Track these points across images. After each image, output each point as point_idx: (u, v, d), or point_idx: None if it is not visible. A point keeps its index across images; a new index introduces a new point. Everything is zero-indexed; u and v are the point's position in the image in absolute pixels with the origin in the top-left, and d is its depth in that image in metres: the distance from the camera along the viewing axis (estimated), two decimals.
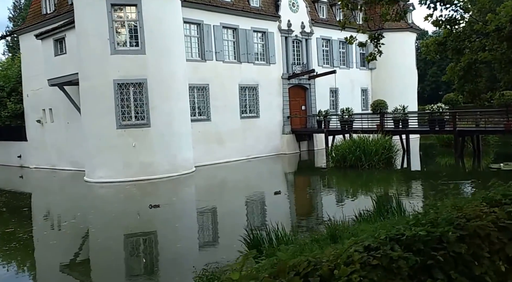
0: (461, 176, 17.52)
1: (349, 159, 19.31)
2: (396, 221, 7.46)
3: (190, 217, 13.31)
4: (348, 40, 8.97)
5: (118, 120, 18.67)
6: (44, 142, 25.63)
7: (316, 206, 13.84)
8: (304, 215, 12.24)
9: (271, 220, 8.26)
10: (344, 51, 32.28)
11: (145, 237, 11.01)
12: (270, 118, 26.94)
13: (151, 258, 9.45)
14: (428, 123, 21.71)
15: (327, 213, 9.47)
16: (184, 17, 22.12)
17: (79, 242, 10.85)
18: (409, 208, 10.88)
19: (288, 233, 7.56)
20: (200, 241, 10.56)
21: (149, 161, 18.92)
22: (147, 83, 18.88)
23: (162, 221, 12.12)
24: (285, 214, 12.32)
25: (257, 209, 13.95)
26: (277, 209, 12.92)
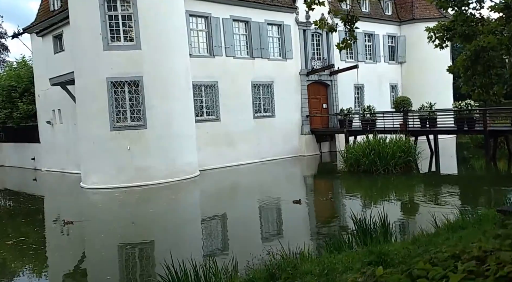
0: (484, 182, 15.62)
1: (363, 163, 17.32)
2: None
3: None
4: (318, 24, 7.19)
5: (112, 121, 17.50)
6: (55, 144, 24.96)
7: (296, 225, 11.83)
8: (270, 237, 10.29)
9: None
10: (371, 44, 29.95)
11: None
12: (287, 118, 25.14)
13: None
14: (456, 122, 19.30)
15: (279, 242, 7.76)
16: (190, 10, 20.81)
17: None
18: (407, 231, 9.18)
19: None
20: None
21: (145, 166, 17.65)
22: (143, 81, 17.61)
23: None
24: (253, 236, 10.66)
25: (250, 225, 12.29)
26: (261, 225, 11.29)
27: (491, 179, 16.23)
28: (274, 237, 9.74)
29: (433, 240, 6.63)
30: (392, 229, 8.22)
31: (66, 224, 11.79)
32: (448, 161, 20.57)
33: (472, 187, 15.05)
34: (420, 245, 6.40)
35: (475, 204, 11.79)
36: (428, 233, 7.40)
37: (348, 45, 7.57)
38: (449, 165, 19.96)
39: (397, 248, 6.33)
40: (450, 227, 7.58)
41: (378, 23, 29.95)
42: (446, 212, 9.42)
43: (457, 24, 9.47)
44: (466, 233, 6.69)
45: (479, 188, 14.77)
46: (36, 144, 26.97)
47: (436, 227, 8.02)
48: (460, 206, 10.05)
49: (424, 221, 10.35)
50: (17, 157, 29.43)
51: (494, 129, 18.41)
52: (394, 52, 31.38)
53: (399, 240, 7.63)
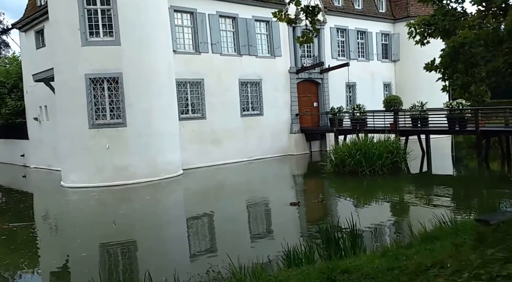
0: (471, 184, 15.19)
1: (348, 163, 16.80)
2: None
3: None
4: (276, 16, 6.64)
5: (90, 119, 16.99)
6: (42, 141, 24.47)
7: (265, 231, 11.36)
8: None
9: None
10: (363, 41, 29.37)
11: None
12: (276, 116, 24.61)
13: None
14: (448, 122, 18.76)
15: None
16: (174, 5, 20.31)
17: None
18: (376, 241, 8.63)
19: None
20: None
21: (125, 164, 17.16)
22: (123, 78, 17.08)
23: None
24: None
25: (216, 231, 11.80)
26: (232, 231, 10.76)
27: (479, 182, 15.71)
28: (257, 241, 9.28)
29: (404, 253, 6.13)
30: (363, 238, 7.72)
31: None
32: (440, 161, 20.05)
33: (459, 189, 14.54)
34: (389, 258, 5.91)
35: (459, 208, 11.30)
36: (401, 244, 6.91)
37: (309, 40, 7.00)
38: (440, 166, 19.42)
39: (362, 262, 5.83)
40: (425, 237, 7.09)
41: (371, 20, 29.36)
42: (426, 218, 8.94)
43: (438, 19, 8.93)
44: (439, 246, 6.21)
45: (466, 191, 14.29)
46: (25, 140, 26.66)
47: (411, 236, 7.53)
48: (443, 211, 9.52)
49: (401, 228, 9.92)
50: (7, 154, 29.10)
51: (486, 130, 17.88)
52: (387, 50, 30.80)
53: (370, 251, 7.10)
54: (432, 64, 8.93)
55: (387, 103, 21.54)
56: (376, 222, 10.46)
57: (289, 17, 7.12)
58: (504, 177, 15.66)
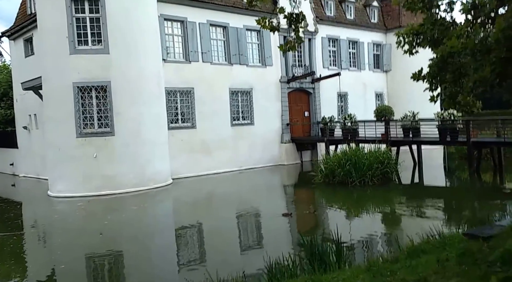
0: (461, 196, 15.08)
1: (338, 174, 16.65)
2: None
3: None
4: (260, 23, 6.50)
5: (78, 127, 16.76)
6: (31, 150, 24.18)
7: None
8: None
9: None
10: (355, 51, 29.40)
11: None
12: (266, 126, 24.48)
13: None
14: (439, 132, 18.68)
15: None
16: (164, 14, 20.21)
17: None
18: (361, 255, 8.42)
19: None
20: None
21: (113, 174, 16.91)
22: (111, 86, 16.89)
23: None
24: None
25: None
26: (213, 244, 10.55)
27: (470, 193, 15.58)
28: (247, 252, 9.07)
29: (389, 268, 5.97)
30: (351, 251, 7.55)
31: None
32: (431, 172, 19.92)
33: (449, 201, 14.37)
34: (373, 273, 5.74)
35: (449, 221, 11.15)
36: (386, 259, 6.74)
37: (292, 47, 6.87)
38: (431, 176, 19.29)
39: (346, 277, 5.66)
40: (412, 251, 6.93)
41: (363, 30, 29.45)
42: (415, 231, 8.80)
43: (427, 28, 8.85)
44: (424, 261, 6.05)
45: (456, 202, 14.17)
46: (14, 149, 26.40)
47: (398, 250, 7.37)
48: (433, 223, 9.39)
49: (389, 241, 9.76)
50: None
51: (477, 141, 17.80)
52: (379, 60, 30.86)
53: (354, 266, 6.91)
54: (419, 73, 8.85)
55: (378, 113, 21.49)
56: (364, 234, 10.29)
57: (272, 25, 7.00)
58: (495, 189, 15.53)
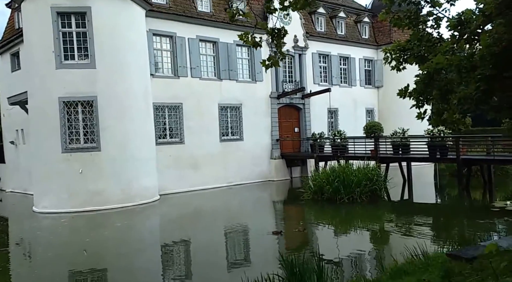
0: (445, 214, 14.99)
1: (327, 191, 16.47)
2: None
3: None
4: (243, 38, 6.37)
5: (63, 143, 16.49)
6: (18, 165, 23.84)
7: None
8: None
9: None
10: (346, 67, 29.47)
11: None
12: (256, 141, 24.32)
13: None
14: (429, 149, 18.58)
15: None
16: (153, 29, 20.15)
17: None
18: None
19: None
20: None
21: (98, 189, 16.61)
22: (98, 101, 16.69)
23: None
24: None
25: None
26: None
27: (458, 211, 15.45)
28: (233, 270, 8.81)
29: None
30: (335, 270, 7.32)
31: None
32: (420, 189, 19.79)
33: (436, 219, 14.21)
34: None
35: (435, 240, 10.97)
36: (368, 280, 6.54)
37: (275, 63, 6.74)
38: (420, 194, 19.14)
39: None
40: (395, 272, 6.74)
41: (354, 46, 29.54)
42: (399, 250, 8.61)
43: (413, 44, 8.78)
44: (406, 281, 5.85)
45: (443, 221, 14.00)
46: (1, 164, 26.19)
47: (381, 270, 7.18)
48: (418, 242, 9.22)
49: (373, 260, 9.58)
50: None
51: (467, 158, 17.72)
52: (371, 76, 30.94)
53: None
54: (405, 90, 8.75)
55: (367, 130, 21.41)
56: (349, 252, 10.15)
57: (254, 40, 6.88)
58: (484, 207, 15.39)
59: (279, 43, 6.51)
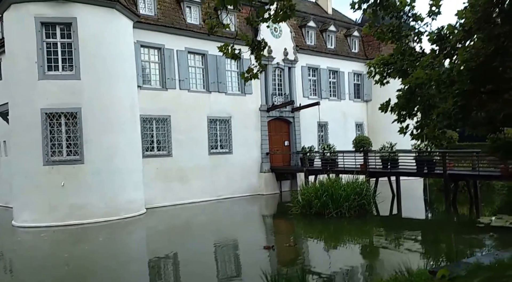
0: (431, 230, 14.94)
1: (315, 205, 16.24)
2: None
3: None
4: (222, 50, 6.17)
5: (45, 155, 16.15)
6: (0, 177, 23.33)
7: None
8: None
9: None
10: (335, 81, 29.41)
11: None
12: (245, 154, 24.08)
13: None
14: (416, 164, 18.46)
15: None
16: (141, 41, 20.00)
17: None
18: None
19: None
20: None
21: (81, 203, 16.24)
22: (82, 113, 16.41)
23: None
24: None
25: None
26: None
27: (444, 227, 15.33)
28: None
29: None
30: None
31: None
32: (408, 204, 19.54)
33: (423, 235, 14.05)
34: None
35: (421, 256, 10.74)
36: None
37: (254, 76, 6.55)
38: (408, 209, 18.89)
39: None
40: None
41: (343, 60, 29.50)
42: (384, 266, 8.41)
43: (397, 58, 8.66)
44: None
45: (429, 237, 13.85)
46: None
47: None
48: (404, 258, 9.06)
49: (357, 277, 9.35)
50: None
51: (454, 173, 17.60)
52: (360, 89, 30.90)
53: None
54: (387, 104, 8.60)
55: (356, 144, 21.27)
56: (334, 269, 9.96)
57: (234, 52, 6.70)
58: (469, 223, 15.27)
59: (258, 55, 6.34)
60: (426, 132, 6.91)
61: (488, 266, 6.40)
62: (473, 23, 5.88)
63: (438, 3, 7.54)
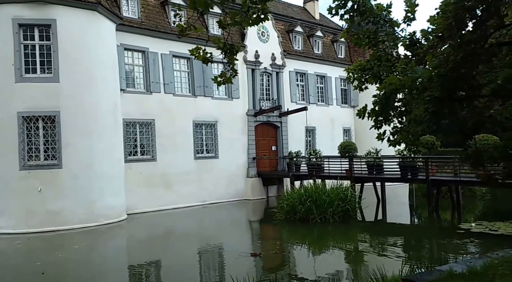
0: (411, 235, 14.92)
1: (299, 210, 16.01)
2: None
3: None
4: (194, 53, 5.92)
5: (21, 159, 15.77)
6: None
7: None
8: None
9: None
10: (323, 86, 29.24)
11: None
12: (232, 159, 23.79)
13: None
14: (400, 169, 18.33)
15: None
16: (125, 44, 19.73)
17: None
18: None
19: None
20: None
21: (58, 209, 15.86)
22: (60, 117, 16.07)
23: None
24: None
25: None
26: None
27: (424, 232, 15.28)
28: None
29: None
30: None
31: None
32: (393, 210, 19.39)
33: (401, 241, 13.90)
34: None
35: (394, 262, 10.50)
36: None
37: (228, 80, 6.30)
38: (392, 214, 18.74)
39: None
40: None
41: (330, 65, 29.35)
42: (360, 273, 8.21)
43: (374, 64, 8.49)
44: None
45: (407, 243, 13.78)
46: None
47: None
48: (376, 265, 8.89)
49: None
50: None
51: (436, 179, 17.51)
52: (347, 95, 30.74)
53: None
54: (364, 110, 8.38)
55: (342, 149, 21.08)
56: (320, 275, 9.83)
57: (205, 56, 6.46)
58: (450, 229, 15.22)
59: (231, 59, 6.12)
60: (399, 138, 6.67)
61: (460, 274, 6.27)
62: (443, 29, 5.69)
63: (413, 9, 7.42)
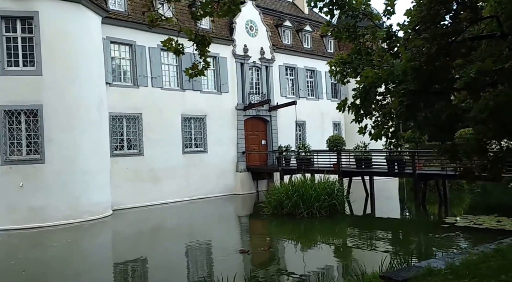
0: (397, 229, 14.86)
1: (286, 205, 15.90)
2: None
3: None
4: (166, 45, 5.73)
5: (3, 154, 15.53)
6: None
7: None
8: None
9: None
10: (312, 80, 29.09)
11: None
12: (221, 154, 23.62)
13: None
14: (387, 163, 18.26)
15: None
16: (111, 37, 19.48)
17: None
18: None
19: None
20: None
21: (41, 205, 15.62)
22: (43, 111, 15.82)
23: None
24: None
25: None
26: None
27: (408, 227, 15.29)
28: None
29: None
30: None
31: None
32: (380, 204, 19.29)
33: (384, 236, 13.75)
34: None
35: (374, 258, 10.42)
36: None
37: (200, 72, 6.11)
38: (380, 208, 18.63)
39: None
40: None
41: (319, 59, 29.14)
42: (340, 269, 8.09)
43: (354, 57, 8.37)
44: None
45: (391, 237, 13.71)
46: None
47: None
48: (357, 263, 8.81)
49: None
50: None
51: (423, 173, 17.47)
52: (336, 89, 30.60)
53: None
54: (344, 104, 8.26)
55: (330, 143, 20.97)
56: (304, 271, 9.77)
57: (177, 47, 6.26)
58: (435, 223, 15.19)
59: (203, 51, 5.92)
60: (376, 132, 6.53)
61: (438, 270, 6.18)
62: (418, 22, 5.56)
63: (392, 3, 7.32)
